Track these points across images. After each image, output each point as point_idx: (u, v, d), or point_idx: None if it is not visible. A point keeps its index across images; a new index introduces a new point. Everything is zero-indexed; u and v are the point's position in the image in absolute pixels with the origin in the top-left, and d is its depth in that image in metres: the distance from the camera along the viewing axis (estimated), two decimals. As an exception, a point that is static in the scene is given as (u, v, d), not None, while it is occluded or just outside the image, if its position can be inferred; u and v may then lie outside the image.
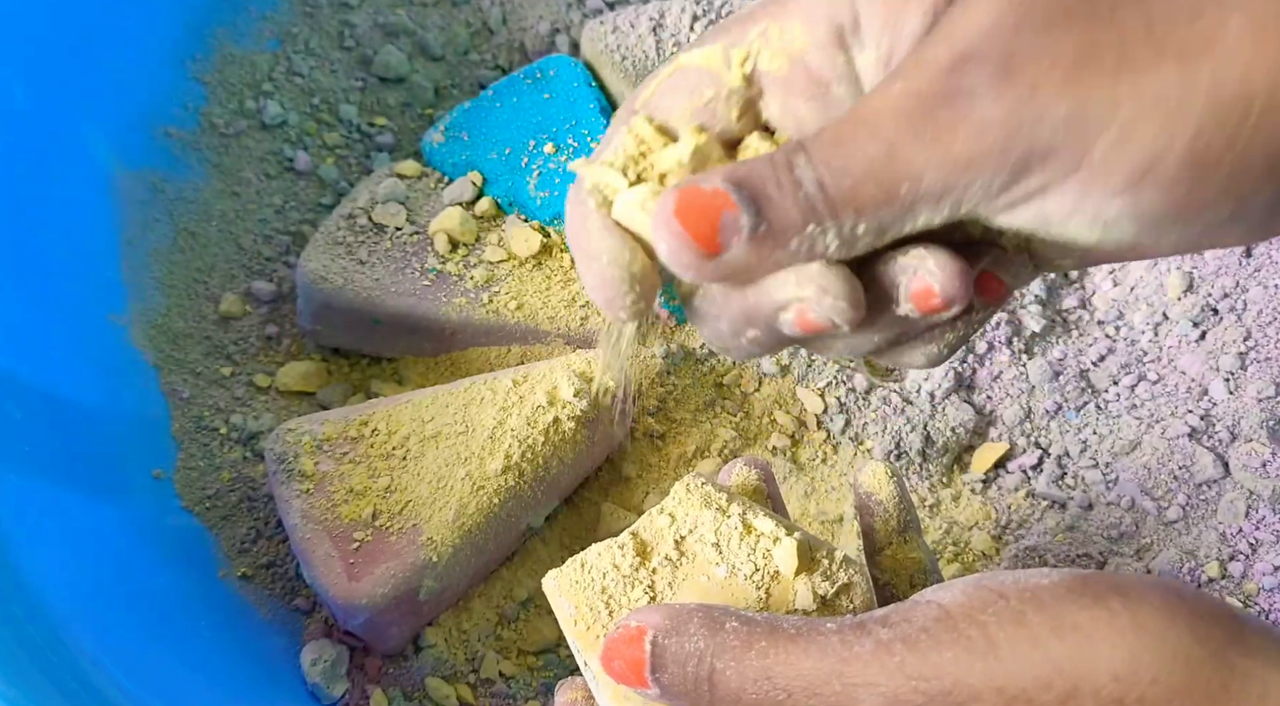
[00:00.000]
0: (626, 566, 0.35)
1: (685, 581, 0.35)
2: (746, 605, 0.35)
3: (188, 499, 0.59)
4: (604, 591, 0.35)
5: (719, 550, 0.35)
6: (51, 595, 0.48)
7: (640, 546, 0.36)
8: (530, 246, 0.62)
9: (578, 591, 0.35)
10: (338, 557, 0.53)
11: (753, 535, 0.35)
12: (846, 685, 0.28)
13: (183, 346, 0.62)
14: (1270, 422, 0.60)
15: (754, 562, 0.35)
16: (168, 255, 0.64)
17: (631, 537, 0.36)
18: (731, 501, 0.36)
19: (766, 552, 0.35)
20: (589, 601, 0.35)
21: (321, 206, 0.67)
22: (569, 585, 0.35)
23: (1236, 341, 0.62)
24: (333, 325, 0.62)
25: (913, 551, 0.41)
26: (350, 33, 0.71)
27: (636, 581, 0.35)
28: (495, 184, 0.65)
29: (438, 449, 0.55)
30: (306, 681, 0.54)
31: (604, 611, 0.35)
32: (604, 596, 0.35)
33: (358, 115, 0.70)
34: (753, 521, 0.35)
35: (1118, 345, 0.64)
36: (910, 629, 0.29)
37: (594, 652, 0.34)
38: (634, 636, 0.31)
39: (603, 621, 0.35)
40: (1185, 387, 0.62)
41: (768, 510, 0.36)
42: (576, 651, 0.36)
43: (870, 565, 0.41)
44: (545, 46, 0.73)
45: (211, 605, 0.56)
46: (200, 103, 0.67)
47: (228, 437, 0.61)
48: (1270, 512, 0.58)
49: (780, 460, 0.61)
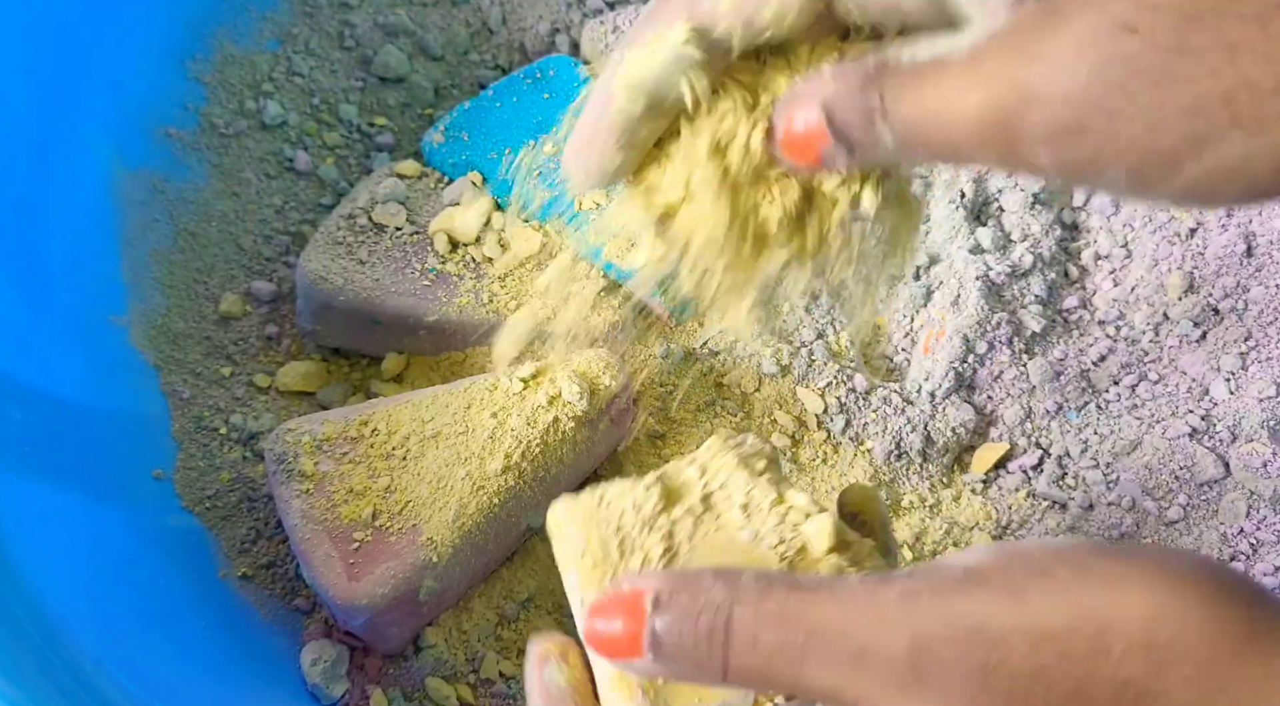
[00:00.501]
0: (649, 510, 0.34)
1: (705, 539, 0.34)
2: None
3: (188, 499, 0.59)
4: (619, 530, 0.33)
5: (746, 513, 0.34)
6: (51, 595, 0.48)
7: (666, 492, 0.34)
8: (530, 246, 0.62)
9: (591, 525, 0.34)
10: (338, 557, 0.53)
11: (784, 505, 0.34)
12: (871, 625, 0.28)
13: (183, 346, 0.62)
14: (1271, 423, 0.60)
15: (781, 534, 0.33)
16: (168, 255, 0.64)
17: (658, 483, 0.34)
18: (768, 468, 0.35)
19: (796, 526, 0.34)
20: (601, 537, 0.33)
21: (321, 206, 0.67)
22: (582, 516, 0.34)
23: (1237, 341, 0.62)
24: (333, 325, 0.62)
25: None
26: (350, 33, 0.71)
27: (656, 528, 0.33)
28: (495, 183, 0.65)
29: (438, 449, 0.55)
30: (306, 681, 0.54)
31: (615, 551, 0.33)
32: (618, 535, 0.33)
33: (358, 115, 0.70)
34: (786, 492, 0.34)
35: (1118, 345, 0.64)
36: (936, 579, 0.29)
37: (594, 591, 0.33)
38: (630, 598, 0.30)
39: (612, 560, 0.33)
40: (1186, 388, 0.62)
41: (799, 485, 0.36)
42: (573, 588, 0.34)
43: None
44: (545, 46, 0.73)
45: (211, 605, 0.56)
46: (200, 103, 0.67)
47: (228, 438, 0.61)
48: (1271, 512, 0.58)
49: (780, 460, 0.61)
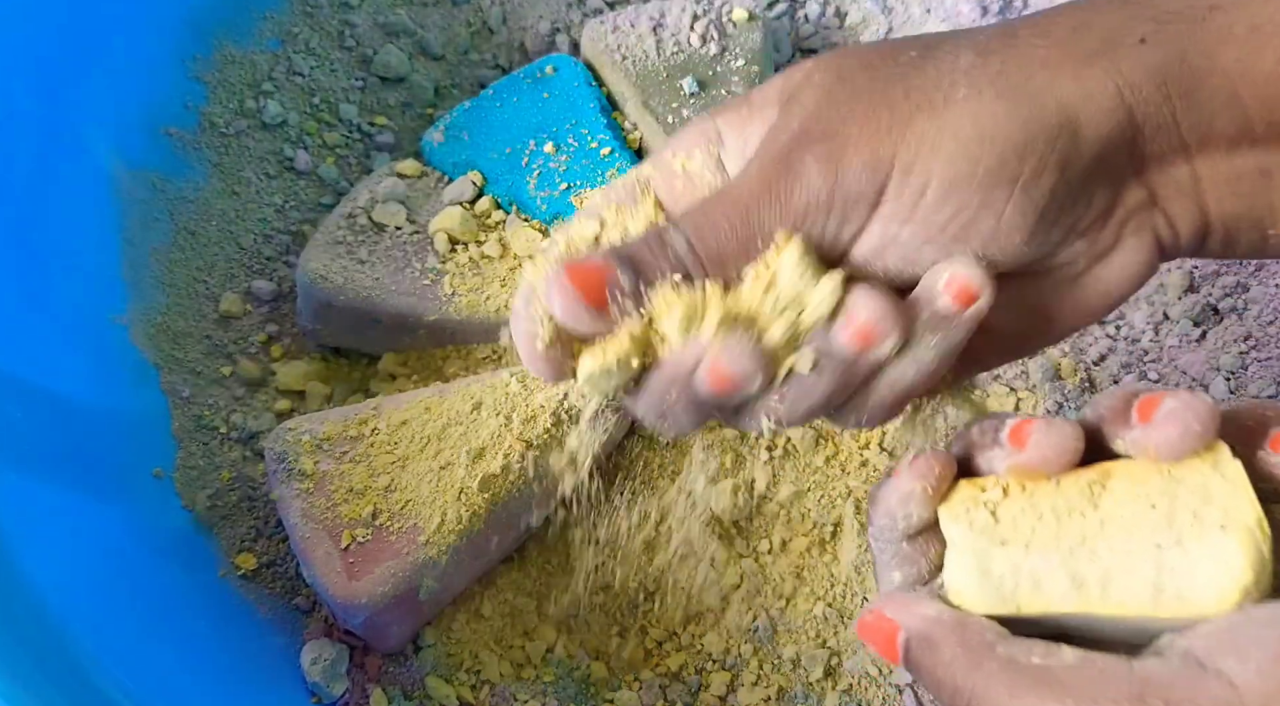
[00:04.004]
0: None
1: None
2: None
3: (188, 498, 0.59)
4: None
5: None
6: (51, 595, 0.48)
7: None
8: (530, 245, 0.62)
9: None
10: (338, 557, 0.53)
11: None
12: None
13: (183, 345, 0.62)
14: (1271, 422, 0.60)
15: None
16: (168, 254, 0.64)
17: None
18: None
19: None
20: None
21: (321, 206, 0.67)
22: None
23: (1237, 341, 0.62)
24: (333, 324, 0.62)
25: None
26: (350, 32, 0.71)
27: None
28: (495, 183, 0.65)
29: (438, 448, 0.55)
30: (306, 680, 0.54)
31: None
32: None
33: (358, 115, 0.70)
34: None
35: (1119, 344, 0.64)
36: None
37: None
38: (888, 631, 0.32)
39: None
40: (1186, 387, 0.62)
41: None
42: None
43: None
44: (545, 46, 0.73)
45: (211, 604, 0.56)
46: (201, 102, 0.67)
47: (228, 437, 0.61)
48: (1271, 512, 0.58)
49: (780, 460, 0.61)
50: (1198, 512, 0.30)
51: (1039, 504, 0.32)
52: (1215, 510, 0.30)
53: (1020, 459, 0.33)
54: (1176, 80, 0.34)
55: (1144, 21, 0.34)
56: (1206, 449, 0.31)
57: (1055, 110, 0.33)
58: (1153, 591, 0.30)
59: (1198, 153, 0.35)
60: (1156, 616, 0.30)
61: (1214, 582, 0.29)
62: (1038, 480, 0.33)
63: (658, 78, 0.67)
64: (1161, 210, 0.36)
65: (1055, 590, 0.31)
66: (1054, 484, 0.33)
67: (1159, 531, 0.31)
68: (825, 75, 0.35)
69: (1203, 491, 0.31)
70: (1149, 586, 0.30)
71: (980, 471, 0.35)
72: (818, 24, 0.75)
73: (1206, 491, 0.31)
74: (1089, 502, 0.32)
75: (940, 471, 0.34)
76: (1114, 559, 0.31)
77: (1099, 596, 0.31)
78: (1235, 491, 0.31)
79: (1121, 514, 0.31)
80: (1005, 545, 0.32)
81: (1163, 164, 0.35)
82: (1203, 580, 0.30)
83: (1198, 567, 0.30)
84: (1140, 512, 0.31)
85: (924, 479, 0.34)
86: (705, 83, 0.67)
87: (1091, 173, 0.34)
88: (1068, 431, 0.32)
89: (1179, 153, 0.35)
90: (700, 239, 0.34)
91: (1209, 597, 0.30)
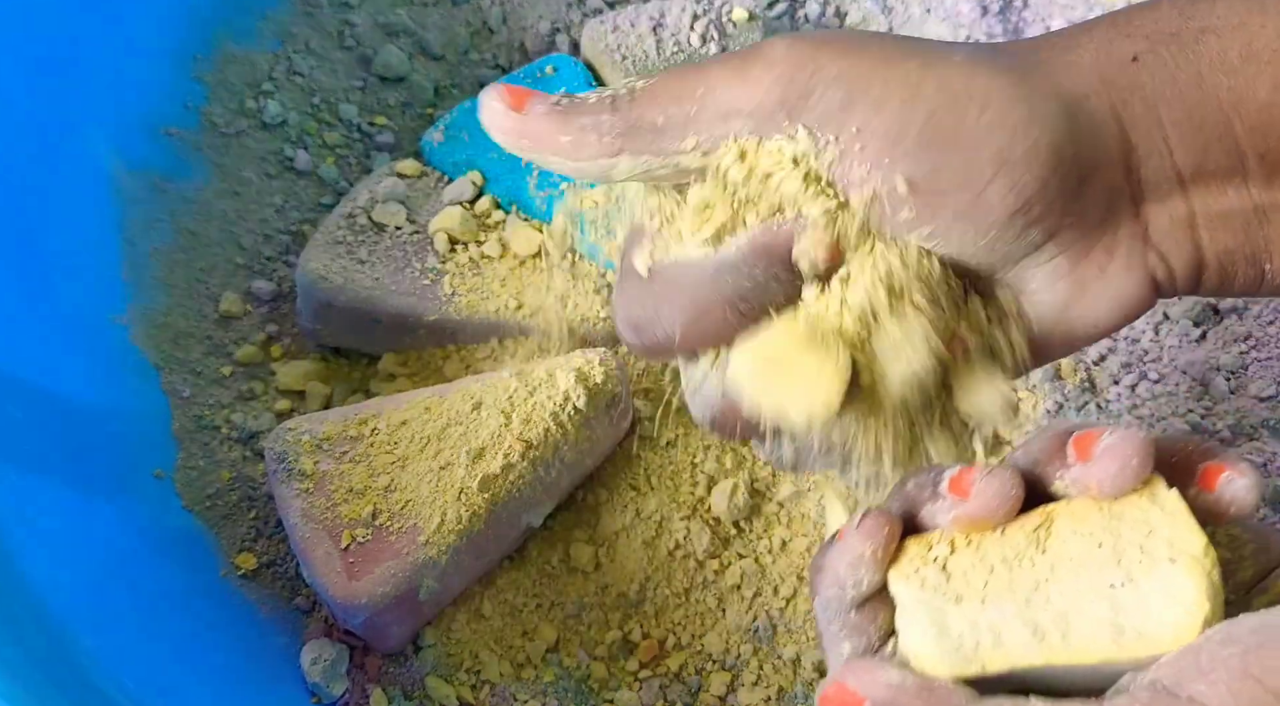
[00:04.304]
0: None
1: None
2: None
3: (188, 498, 0.59)
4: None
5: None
6: (51, 595, 0.48)
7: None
8: (530, 246, 0.62)
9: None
10: (337, 557, 0.53)
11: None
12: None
13: (183, 345, 0.62)
14: (1271, 422, 0.60)
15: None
16: (168, 254, 0.64)
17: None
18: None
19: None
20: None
21: (321, 206, 0.67)
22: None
23: (1238, 340, 0.62)
24: (333, 324, 0.62)
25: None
26: (350, 32, 0.71)
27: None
28: (495, 183, 0.65)
29: (438, 448, 0.55)
30: (306, 680, 0.54)
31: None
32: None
33: (358, 115, 0.70)
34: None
35: (1119, 344, 0.64)
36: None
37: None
38: (851, 704, 0.31)
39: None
40: (1186, 387, 0.62)
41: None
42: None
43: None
44: (545, 46, 0.73)
45: (212, 604, 0.56)
46: (201, 102, 0.67)
47: (228, 437, 0.61)
48: (1271, 512, 0.58)
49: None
50: (1144, 547, 0.30)
51: (988, 555, 0.32)
52: (1160, 543, 0.30)
53: (965, 510, 0.32)
54: (1168, 106, 0.33)
55: (1137, 39, 0.34)
56: (1143, 483, 0.31)
57: (1054, 96, 0.33)
58: (1113, 632, 0.30)
59: (1192, 185, 0.34)
60: (1119, 658, 0.30)
61: (1172, 618, 0.29)
62: (984, 530, 0.32)
63: (658, 78, 0.67)
64: (1154, 247, 0.35)
65: (1016, 643, 0.31)
66: (999, 533, 0.32)
67: (1108, 570, 0.30)
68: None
69: (1145, 525, 0.31)
70: (1108, 628, 0.30)
71: (924, 527, 0.34)
72: (818, 24, 0.75)
73: (1149, 525, 0.31)
74: (1036, 548, 0.31)
75: (889, 530, 0.33)
76: (1069, 603, 0.30)
77: (1061, 644, 0.30)
78: (1177, 521, 0.30)
79: (1070, 555, 0.31)
80: (960, 601, 0.31)
81: (1159, 194, 0.34)
82: (1161, 616, 0.30)
83: (1153, 603, 0.30)
84: (1088, 552, 0.31)
85: (873, 540, 0.33)
86: (705, 83, 0.67)
87: (1086, 177, 0.33)
88: (1007, 477, 0.32)
89: (1174, 184, 0.34)
90: (637, 87, 0.34)
91: (1170, 634, 0.29)
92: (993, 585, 0.31)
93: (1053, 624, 0.31)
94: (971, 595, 0.31)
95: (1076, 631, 0.30)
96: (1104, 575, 0.30)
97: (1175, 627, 0.29)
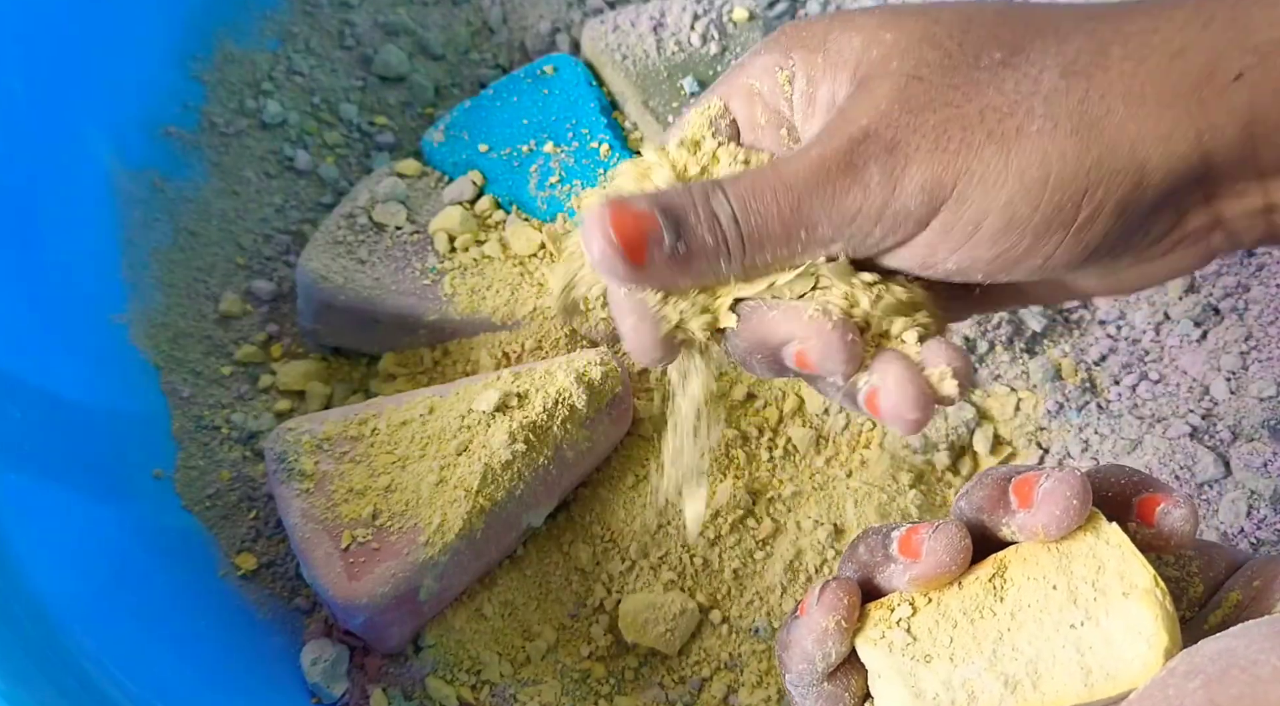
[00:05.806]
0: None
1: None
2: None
3: (188, 499, 0.59)
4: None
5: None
6: (51, 595, 0.48)
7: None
8: (530, 245, 0.62)
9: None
10: (338, 557, 0.53)
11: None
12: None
13: (183, 345, 0.62)
14: (1272, 422, 0.60)
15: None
16: (168, 254, 0.64)
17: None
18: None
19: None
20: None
21: (321, 206, 0.67)
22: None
23: (1238, 341, 0.62)
24: (333, 324, 0.62)
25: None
26: (350, 32, 0.71)
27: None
28: (495, 183, 0.65)
29: (438, 448, 0.55)
30: (306, 681, 0.54)
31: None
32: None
33: (358, 114, 0.70)
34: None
35: (1119, 344, 0.63)
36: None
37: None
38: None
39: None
40: (1187, 387, 0.62)
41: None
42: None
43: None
44: (545, 45, 0.73)
45: (211, 604, 0.56)
46: (200, 102, 0.67)
47: (228, 437, 0.61)
48: (1272, 512, 0.58)
49: (780, 460, 0.61)
50: (1096, 583, 0.31)
51: (949, 611, 0.32)
52: (1112, 578, 0.31)
53: (919, 570, 0.32)
54: (1264, 118, 0.33)
55: (1246, 53, 0.33)
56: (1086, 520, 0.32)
57: (1128, 152, 0.33)
58: (1081, 675, 0.30)
59: (1272, 180, 0.34)
60: (1091, 700, 0.30)
61: (1135, 652, 0.30)
62: (942, 587, 0.33)
63: (658, 77, 0.67)
64: (1224, 228, 0.35)
65: (991, 697, 0.31)
66: (957, 587, 0.33)
67: (1067, 611, 0.31)
68: (904, 63, 0.35)
69: (1094, 561, 0.31)
70: (1076, 670, 0.30)
71: (881, 590, 0.34)
72: (818, 24, 0.75)
73: (1098, 561, 0.31)
74: (995, 597, 0.32)
75: (849, 600, 0.33)
76: (1035, 649, 0.31)
77: (1034, 694, 0.31)
78: (1124, 555, 0.31)
79: (1028, 602, 0.31)
80: (930, 661, 0.32)
81: (1235, 192, 0.35)
82: (1123, 652, 0.30)
83: (1115, 640, 0.30)
84: (1045, 596, 0.31)
85: (835, 612, 0.33)
86: (706, 82, 0.67)
87: (1153, 210, 0.34)
88: (953, 532, 0.32)
89: (1253, 181, 0.34)
90: (745, 216, 0.34)
91: (1136, 668, 0.30)
92: (959, 641, 0.32)
93: (1024, 673, 0.31)
94: (940, 653, 0.32)
95: (1046, 678, 0.31)
96: (1064, 616, 0.31)
97: (1140, 661, 0.30)
